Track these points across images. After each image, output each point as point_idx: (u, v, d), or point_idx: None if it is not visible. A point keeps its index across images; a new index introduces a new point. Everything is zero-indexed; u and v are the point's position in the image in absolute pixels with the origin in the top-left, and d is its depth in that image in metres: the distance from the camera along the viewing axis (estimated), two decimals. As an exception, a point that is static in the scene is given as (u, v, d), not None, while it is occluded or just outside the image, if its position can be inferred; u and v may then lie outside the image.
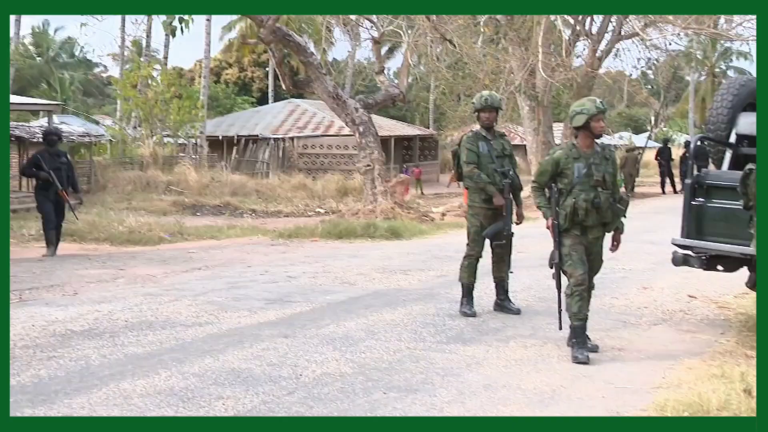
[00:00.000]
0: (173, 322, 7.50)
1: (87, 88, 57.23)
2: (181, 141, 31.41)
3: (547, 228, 6.64)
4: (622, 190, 6.88)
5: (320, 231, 14.89)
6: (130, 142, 30.58)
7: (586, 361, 6.37)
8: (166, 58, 36.18)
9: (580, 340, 6.54)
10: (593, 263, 6.70)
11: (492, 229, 7.92)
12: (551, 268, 6.75)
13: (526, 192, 8.41)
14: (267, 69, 48.97)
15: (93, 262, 11.42)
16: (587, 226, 6.56)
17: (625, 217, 6.74)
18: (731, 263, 7.61)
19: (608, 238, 6.82)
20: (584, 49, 26.50)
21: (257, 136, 33.30)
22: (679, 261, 7.69)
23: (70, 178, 12.11)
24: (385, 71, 25.21)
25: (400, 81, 23.23)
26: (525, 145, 27.23)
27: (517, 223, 8.12)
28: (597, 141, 6.67)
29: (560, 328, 6.82)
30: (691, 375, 6.10)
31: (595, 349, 6.67)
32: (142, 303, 8.31)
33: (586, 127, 6.51)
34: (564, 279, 6.66)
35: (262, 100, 49.07)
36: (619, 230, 6.76)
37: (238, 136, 33.47)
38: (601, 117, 6.47)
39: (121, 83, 31.81)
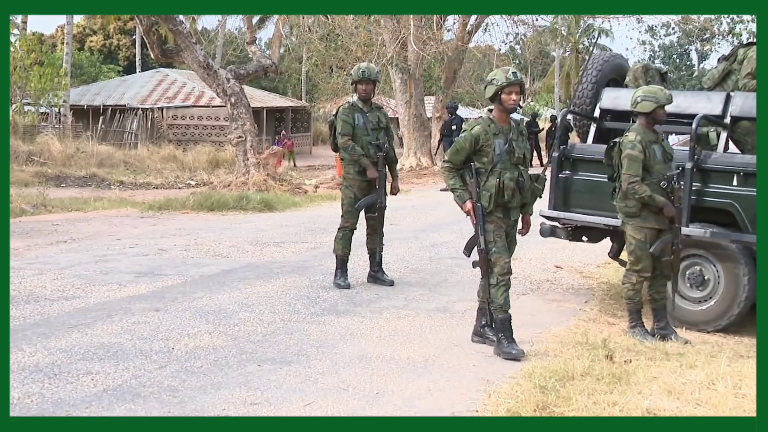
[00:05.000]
0: (37, 296, 7.25)
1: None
2: (43, 110, 30.22)
3: (466, 212, 6.04)
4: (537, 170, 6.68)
5: (191, 203, 14.62)
6: (-14, 110, 29.18)
7: (519, 356, 5.85)
8: (24, 22, 34.56)
9: (508, 334, 5.99)
10: (510, 246, 6.17)
11: (365, 201, 7.97)
12: (467, 255, 6.21)
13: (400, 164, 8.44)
14: (134, 37, 47.54)
15: (-51, 235, 10.89)
16: (510, 207, 6.06)
17: (541, 197, 6.32)
18: (595, 234, 7.93)
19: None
20: (455, 23, 26.80)
21: (125, 105, 32.36)
22: (546, 232, 7.95)
23: None
24: (257, 42, 24.86)
25: (272, 52, 23.02)
26: (397, 118, 27.44)
27: (393, 194, 8.20)
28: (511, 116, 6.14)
29: (491, 325, 6.15)
30: (557, 342, 6.32)
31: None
32: (3, 278, 7.99)
33: (497, 100, 6.00)
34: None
35: (130, 69, 47.65)
36: (528, 212, 6.28)
37: (104, 105, 32.43)
38: (513, 89, 5.91)
39: (-24, 48, 30.30)
